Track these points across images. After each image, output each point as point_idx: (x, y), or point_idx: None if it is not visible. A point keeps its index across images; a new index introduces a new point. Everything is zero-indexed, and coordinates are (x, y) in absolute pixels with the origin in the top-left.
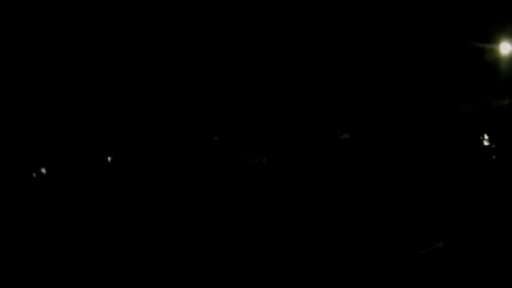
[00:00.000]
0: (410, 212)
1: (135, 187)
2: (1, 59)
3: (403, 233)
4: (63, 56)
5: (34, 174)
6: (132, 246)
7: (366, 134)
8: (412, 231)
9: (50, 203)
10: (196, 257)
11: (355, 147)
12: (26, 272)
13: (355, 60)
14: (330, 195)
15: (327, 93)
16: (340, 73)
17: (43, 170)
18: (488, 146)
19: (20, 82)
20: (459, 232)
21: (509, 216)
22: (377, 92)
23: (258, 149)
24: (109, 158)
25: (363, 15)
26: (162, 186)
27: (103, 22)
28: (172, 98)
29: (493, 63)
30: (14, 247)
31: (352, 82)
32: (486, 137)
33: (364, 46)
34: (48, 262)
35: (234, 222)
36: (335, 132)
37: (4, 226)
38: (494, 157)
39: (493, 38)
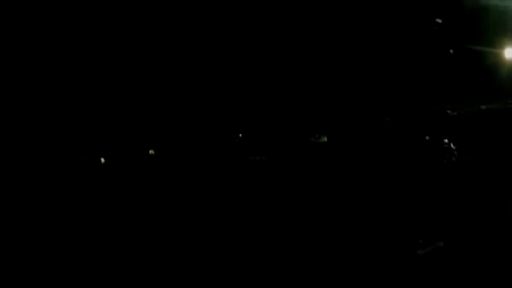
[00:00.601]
0: (410, 211)
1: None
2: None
3: (403, 233)
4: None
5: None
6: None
7: (365, 135)
8: (412, 231)
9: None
10: (200, 249)
11: (358, 147)
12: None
13: (349, 60)
14: (325, 196)
15: (307, 94)
16: (329, 73)
17: (102, 160)
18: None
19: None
20: (459, 231)
21: (509, 215)
22: (362, 94)
23: (259, 147)
24: (151, 151)
25: (350, 11)
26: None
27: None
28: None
29: (494, 67)
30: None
31: (340, 82)
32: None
33: (354, 45)
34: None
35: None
36: (312, 135)
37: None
38: (492, 157)
39: (496, 43)
